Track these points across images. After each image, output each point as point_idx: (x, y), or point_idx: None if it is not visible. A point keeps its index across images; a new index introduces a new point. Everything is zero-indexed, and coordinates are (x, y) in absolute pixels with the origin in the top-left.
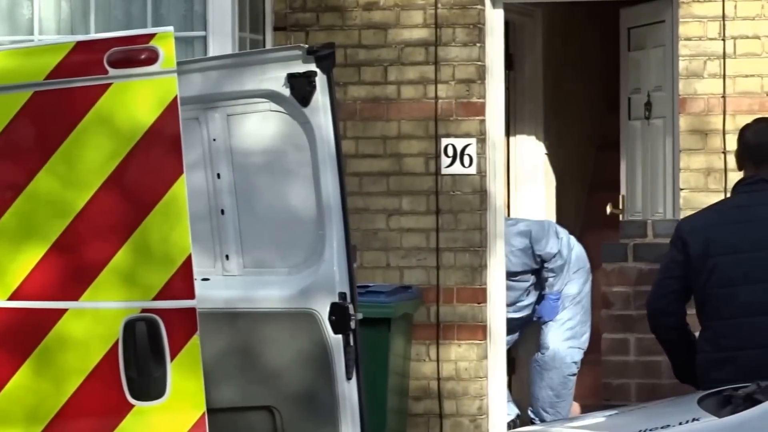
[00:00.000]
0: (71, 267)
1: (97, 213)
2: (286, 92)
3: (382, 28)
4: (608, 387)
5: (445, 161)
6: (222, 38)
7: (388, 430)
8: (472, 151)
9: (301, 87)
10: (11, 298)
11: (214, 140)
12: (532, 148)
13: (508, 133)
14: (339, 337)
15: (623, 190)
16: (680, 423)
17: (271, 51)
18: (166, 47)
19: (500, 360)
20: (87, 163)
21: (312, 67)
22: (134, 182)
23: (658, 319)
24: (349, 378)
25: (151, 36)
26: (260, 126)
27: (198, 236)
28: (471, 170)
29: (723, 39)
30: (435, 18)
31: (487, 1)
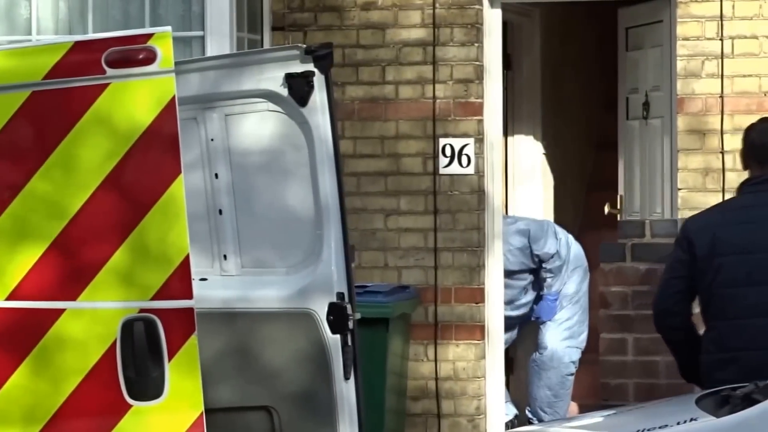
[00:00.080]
0: (69, 267)
1: (95, 213)
2: (284, 92)
3: (380, 28)
4: (606, 387)
5: (443, 161)
6: (220, 38)
7: (386, 430)
8: (470, 151)
9: (299, 87)
10: (9, 298)
11: (212, 140)
12: (530, 148)
13: (506, 133)
14: (337, 337)
15: (621, 190)
16: (678, 423)
17: (269, 51)
18: (164, 47)
19: (498, 360)
20: (85, 163)
21: (310, 67)
22: (132, 182)
23: (664, 320)
24: (347, 378)
25: (149, 36)
26: (258, 126)
27: (196, 236)
28: (469, 170)
29: (721, 39)
30: (433, 18)
31: (485, 1)
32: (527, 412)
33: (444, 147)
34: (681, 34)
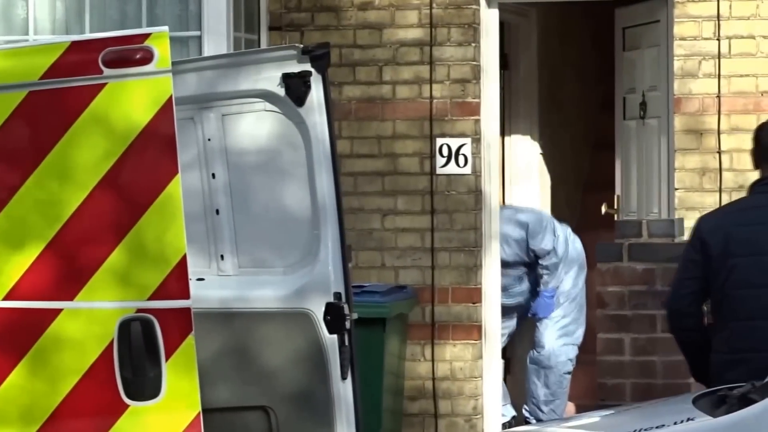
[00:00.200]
0: (66, 267)
1: (92, 213)
2: (281, 92)
3: (377, 28)
4: (603, 387)
5: (440, 161)
6: (217, 38)
7: (384, 430)
8: (467, 151)
9: (296, 87)
10: (6, 298)
11: (209, 140)
12: (527, 148)
13: (503, 133)
14: (334, 337)
15: (618, 190)
16: (675, 423)
17: (266, 51)
18: (161, 47)
19: (495, 360)
20: (82, 163)
21: (307, 67)
22: (129, 182)
23: (678, 320)
24: (345, 378)
25: (146, 36)
26: (255, 126)
27: (193, 236)
28: (466, 170)
29: (718, 39)
30: (430, 18)
31: (482, 1)
32: (524, 412)
33: (441, 147)
34: (678, 34)
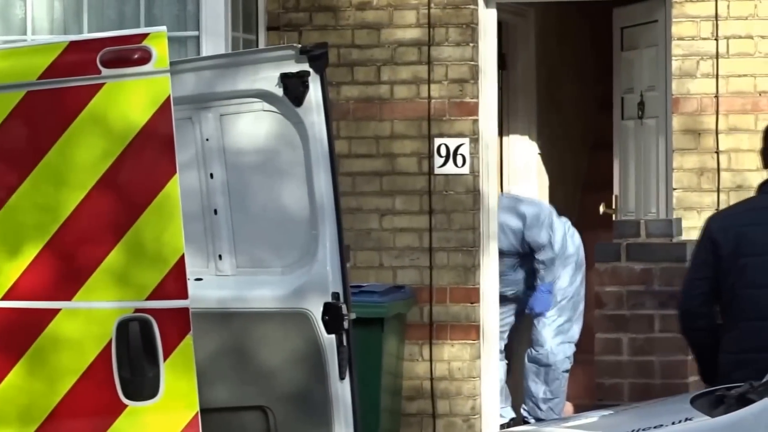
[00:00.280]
0: (64, 267)
1: (90, 213)
2: (279, 92)
3: (375, 28)
4: (601, 387)
5: (438, 161)
6: (215, 38)
7: (382, 430)
8: (465, 151)
9: (294, 87)
10: (4, 298)
11: (207, 140)
12: (525, 148)
13: (501, 133)
14: (332, 337)
15: (616, 190)
16: (673, 423)
17: (264, 51)
18: (159, 47)
19: (493, 360)
20: (80, 163)
21: (305, 67)
22: (127, 182)
23: (691, 321)
24: (342, 378)
25: (144, 36)
26: (253, 126)
27: (191, 236)
28: (464, 170)
29: (716, 39)
30: (428, 18)
31: (480, 1)
32: (522, 411)
33: (439, 147)
34: (676, 34)
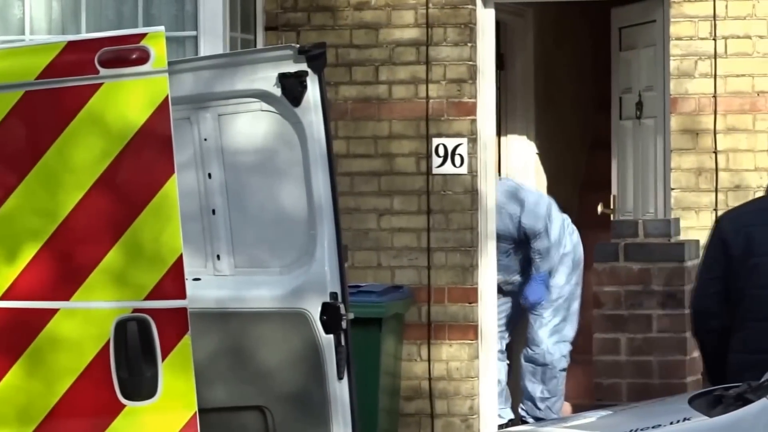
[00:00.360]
0: (62, 267)
1: (88, 213)
2: (277, 92)
3: (374, 28)
4: (599, 387)
5: (436, 161)
6: (213, 38)
7: (380, 430)
8: (463, 151)
9: (292, 87)
10: (3, 298)
11: (206, 140)
12: (523, 148)
13: (499, 133)
14: (330, 337)
15: (614, 190)
16: (671, 423)
17: (262, 51)
18: (158, 47)
19: (491, 360)
20: (78, 163)
21: (303, 67)
22: (125, 182)
23: (704, 322)
24: (341, 378)
25: (142, 36)
26: (251, 126)
27: (189, 236)
28: (462, 170)
29: (714, 39)
30: (426, 18)
31: (478, 1)
32: (521, 410)
33: (437, 147)
34: (674, 34)
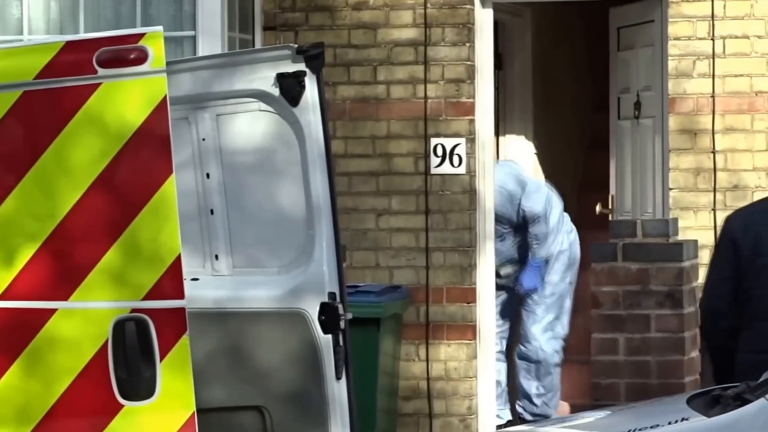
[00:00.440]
0: (61, 267)
1: (87, 213)
2: (276, 92)
3: (372, 28)
4: (598, 387)
5: (435, 161)
6: (211, 38)
7: (378, 430)
8: (462, 151)
9: (291, 87)
10: (1, 298)
11: (204, 140)
12: (522, 148)
13: (498, 133)
14: (328, 337)
15: (612, 190)
16: (670, 423)
17: (261, 51)
18: (156, 47)
19: (490, 360)
20: (76, 163)
21: (301, 67)
22: (123, 182)
23: (715, 323)
24: (339, 378)
25: (141, 36)
26: (250, 126)
27: (187, 236)
28: (460, 170)
29: (712, 39)
30: (424, 18)
31: (477, 1)
32: (518, 407)
33: (435, 147)
34: (672, 34)
